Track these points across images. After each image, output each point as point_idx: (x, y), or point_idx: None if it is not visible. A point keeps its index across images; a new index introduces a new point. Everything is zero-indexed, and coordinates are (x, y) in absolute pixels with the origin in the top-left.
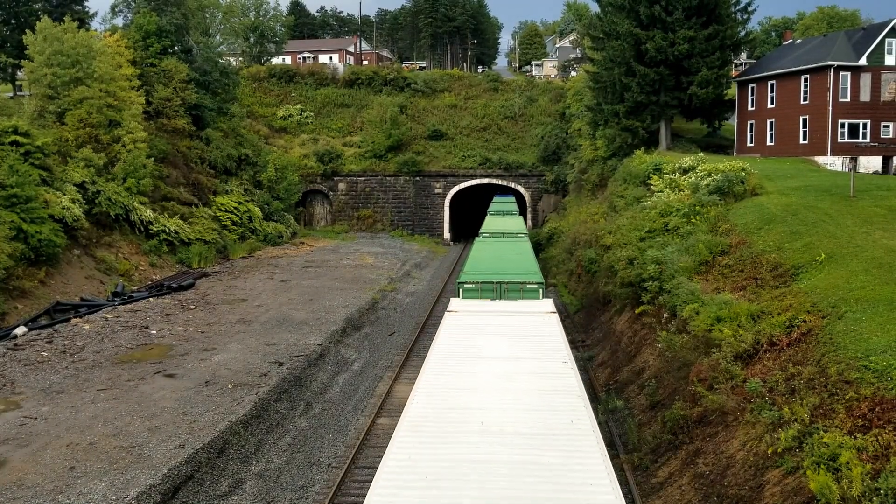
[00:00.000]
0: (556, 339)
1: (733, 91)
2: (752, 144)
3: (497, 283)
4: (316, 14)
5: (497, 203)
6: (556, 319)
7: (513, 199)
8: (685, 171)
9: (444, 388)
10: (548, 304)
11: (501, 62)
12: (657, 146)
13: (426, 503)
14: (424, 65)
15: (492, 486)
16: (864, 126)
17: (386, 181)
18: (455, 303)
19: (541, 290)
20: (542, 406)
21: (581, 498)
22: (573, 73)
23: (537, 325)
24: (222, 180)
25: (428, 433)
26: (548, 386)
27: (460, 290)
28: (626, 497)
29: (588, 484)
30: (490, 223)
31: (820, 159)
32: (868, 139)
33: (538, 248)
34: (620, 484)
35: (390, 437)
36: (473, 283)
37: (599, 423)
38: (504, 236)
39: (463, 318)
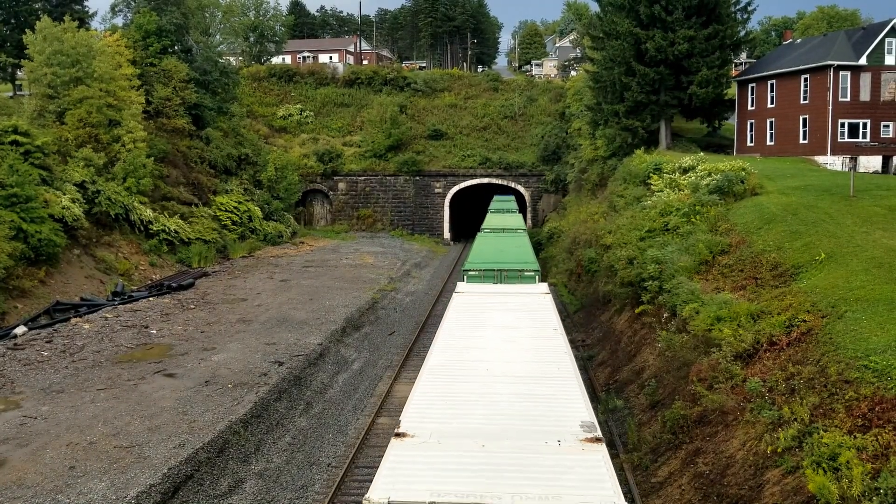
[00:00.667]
0: (549, 312)
1: (733, 91)
2: (752, 144)
3: (498, 270)
4: (316, 14)
5: (497, 202)
6: (549, 298)
7: (512, 198)
8: (685, 171)
9: (456, 348)
10: (542, 287)
11: (501, 62)
12: (657, 146)
13: (447, 417)
14: (424, 64)
15: (496, 408)
16: (864, 126)
17: (386, 181)
18: (461, 286)
19: (537, 277)
20: (535, 359)
21: (563, 412)
22: (573, 73)
23: (533, 302)
24: (222, 180)
25: (445, 376)
26: (540, 346)
27: (465, 277)
28: (626, 497)
29: (569, 406)
30: (491, 220)
31: (820, 159)
32: (868, 139)
33: (538, 247)
34: (620, 484)
35: (411, 389)
36: (477, 270)
37: (599, 423)
38: (504, 231)
39: (469, 297)
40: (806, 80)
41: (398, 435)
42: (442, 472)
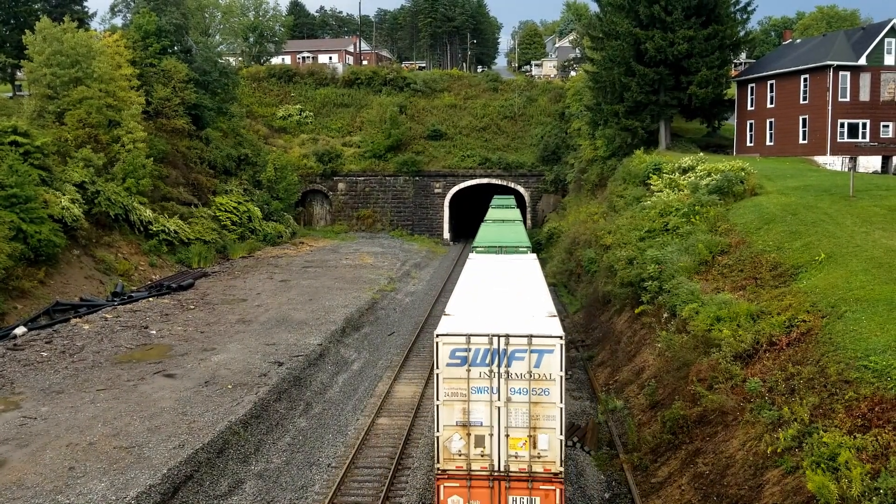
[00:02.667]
0: (534, 269)
1: (733, 91)
2: (752, 144)
3: (499, 246)
4: (315, 14)
5: (497, 199)
6: (536, 263)
7: (512, 197)
8: (685, 171)
9: (473, 283)
10: (532, 256)
11: (501, 62)
12: (657, 146)
13: (471, 309)
14: (424, 65)
15: (500, 306)
16: (864, 126)
17: (385, 181)
18: (472, 255)
19: (528, 251)
20: (523, 287)
21: (536, 307)
22: (573, 73)
23: (523, 264)
24: (222, 180)
25: (467, 294)
26: (527, 281)
27: (473, 251)
28: (625, 496)
29: (541, 305)
30: (492, 213)
31: (819, 159)
32: (867, 139)
33: (538, 247)
34: (620, 484)
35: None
36: (483, 247)
37: (599, 423)
38: (504, 222)
39: (479, 261)
40: (805, 80)
41: (446, 314)
42: (471, 325)
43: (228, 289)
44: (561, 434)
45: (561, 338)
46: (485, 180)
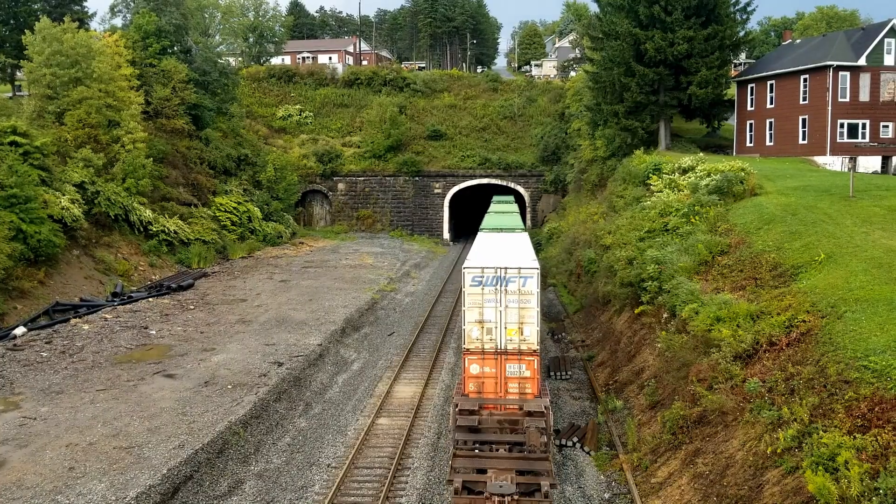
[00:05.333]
0: (525, 239)
1: (732, 91)
2: (752, 144)
3: (500, 228)
4: (315, 14)
5: (497, 198)
6: (527, 237)
7: (511, 196)
8: (684, 171)
9: (482, 246)
10: (525, 234)
11: (501, 62)
12: (656, 146)
13: (482, 258)
14: (423, 65)
15: (500, 258)
16: (864, 126)
17: (385, 181)
18: (480, 234)
19: (522, 231)
20: (516, 247)
21: (523, 255)
22: (572, 73)
23: (517, 236)
24: (221, 180)
25: (480, 251)
26: (518, 245)
27: (481, 232)
28: (625, 496)
29: (527, 254)
30: (494, 208)
31: (819, 159)
32: (867, 139)
33: (538, 247)
34: (620, 484)
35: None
36: (488, 228)
37: (599, 424)
38: (503, 213)
39: (486, 236)
40: (805, 80)
41: (468, 259)
42: (484, 262)
43: (228, 289)
44: (538, 326)
45: (538, 269)
46: (484, 180)
